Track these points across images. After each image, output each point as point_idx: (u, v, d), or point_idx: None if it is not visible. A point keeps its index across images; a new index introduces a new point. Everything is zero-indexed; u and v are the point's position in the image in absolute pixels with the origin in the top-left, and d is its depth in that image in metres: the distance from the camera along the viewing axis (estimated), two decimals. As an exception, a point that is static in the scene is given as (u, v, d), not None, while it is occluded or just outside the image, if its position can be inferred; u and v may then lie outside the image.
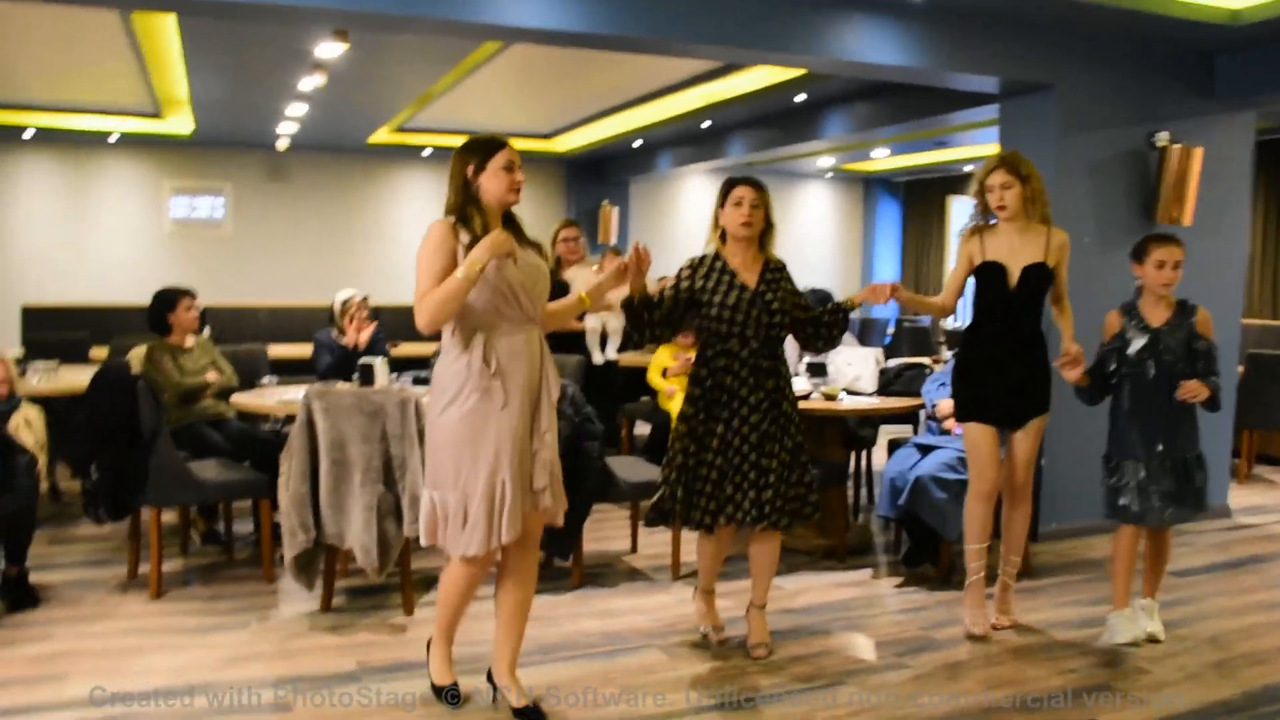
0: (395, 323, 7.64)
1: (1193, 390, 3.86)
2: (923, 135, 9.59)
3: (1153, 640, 4.14)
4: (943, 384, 5.23)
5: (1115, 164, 5.72)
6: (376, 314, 6.41)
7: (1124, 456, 4.01)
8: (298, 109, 8.67)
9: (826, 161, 12.27)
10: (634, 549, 5.34)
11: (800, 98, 7.95)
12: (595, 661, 3.86)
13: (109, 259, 11.10)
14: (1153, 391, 3.96)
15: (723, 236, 3.90)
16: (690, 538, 5.31)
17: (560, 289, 4.25)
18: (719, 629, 4.08)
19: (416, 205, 12.28)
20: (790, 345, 6.20)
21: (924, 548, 4.94)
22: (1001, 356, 4.12)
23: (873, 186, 14.40)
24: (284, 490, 4.25)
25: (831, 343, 4.03)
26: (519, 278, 3.17)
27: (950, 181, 13.06)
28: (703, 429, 3.82)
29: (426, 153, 11.89)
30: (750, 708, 3.48)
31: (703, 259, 3.89)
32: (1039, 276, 4.06)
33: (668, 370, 5.90)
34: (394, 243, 12.01)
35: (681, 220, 13.70)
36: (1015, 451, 4.18)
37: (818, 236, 14.21)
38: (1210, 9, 5.22)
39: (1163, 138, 5.72)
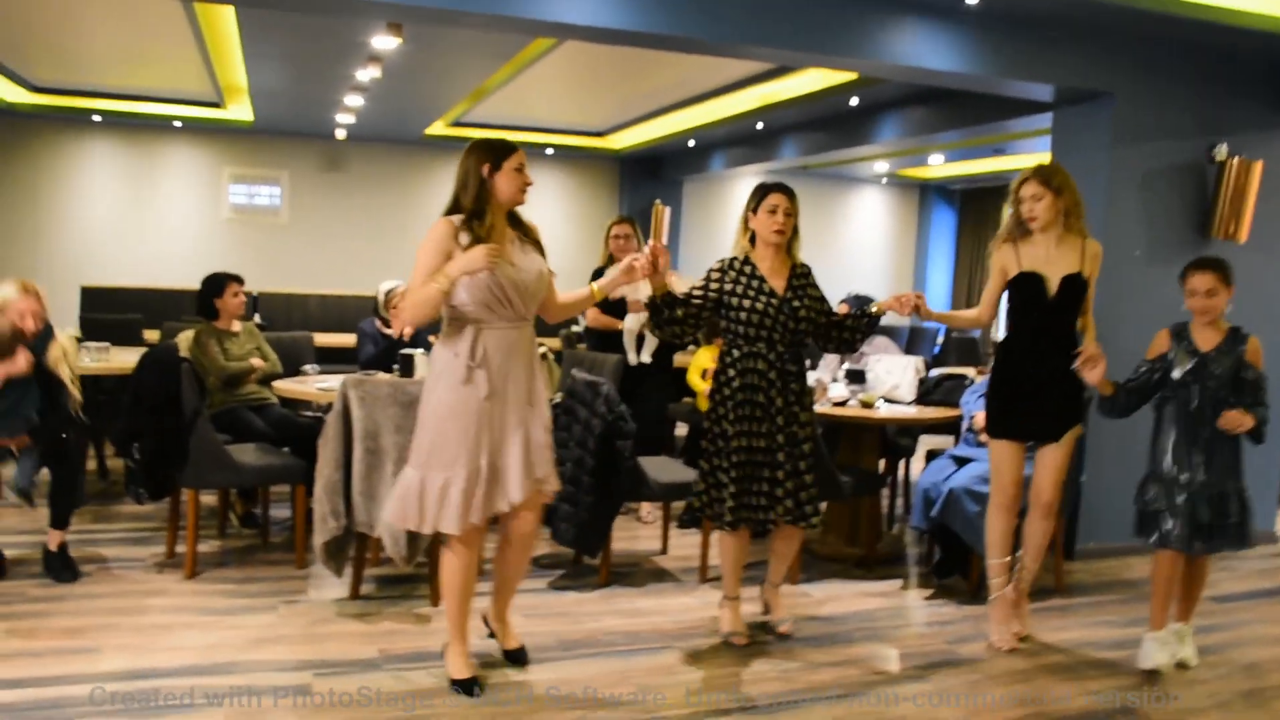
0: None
1: (1234, 420, 3.78)
2: (979, 142, 9.45)
3: (1183, 666, 4.05)
4: (982, 395, 5.13)
5: (1171, 176, 5.59)
6: None
7: (1160, 481, 3.93)
8: (354, 100, 8.78)
9: (881, 167, 12.14)
10: (664, 550, 5.34)
11: (854, 101, 7.88)
12: (614, 660, 3.87)
13: (168, 243, 11.35)
14: (1195, 417, 3.87)
15: (751, 238, 3.91)
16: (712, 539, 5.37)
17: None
18: (743, 635, 4.08)
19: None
20: (831, 359, 6.24)
21: (955, 560, 4.89)
22: (1039, 369, 4.05)
23: (929, 194, 14.22)
24: (319, 477, 4.32)
25: (852, 347, 4.07)
26: (514, 278, 3.33)
27: (1007, 191, 12.79)
28: (731, 430, 3.86)
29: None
30: (762, 713, 3.47)
31: (731, 262, 3.91)
32: (1077, 286, 4.00)
33: (707, 371, 5.89)
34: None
35: (735, 221, 13.60)
36: (1045, 464, 4.11)
37: (870, 243, 14.07)
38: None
39: (1221, 151, 5.58)
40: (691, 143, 11.03)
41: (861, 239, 14.05)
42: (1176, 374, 3.89)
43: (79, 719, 3.21)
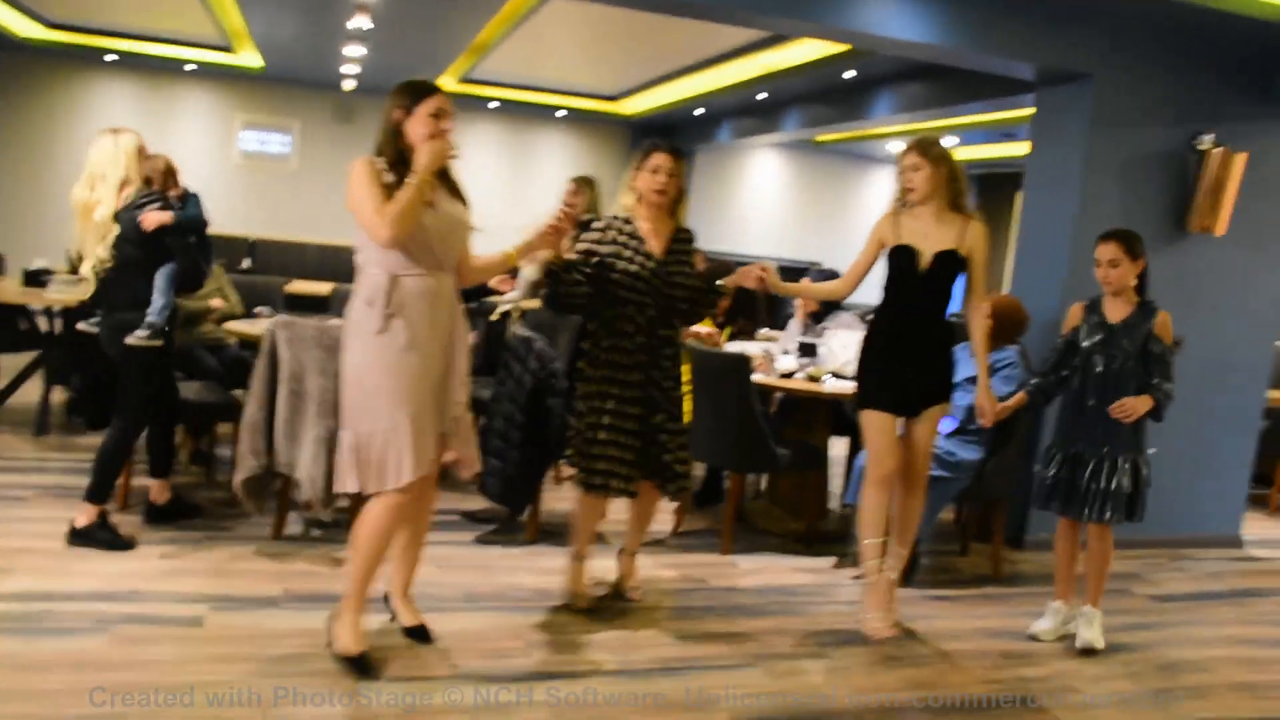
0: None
1: (1128, 408, 3.85)
2: (987, 124, 9.26)
3: (1089, 651, 4.02)
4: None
5: (1151, 164, 5.42)
6: None
7: (1066, 447, 4.02)
8: (355, 50, 8.77)
9: (895, 147, 11.94)
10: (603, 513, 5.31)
11: (849, 74, 7.74)
12: (513, 615, 3.86)
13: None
14: (1098, 388, 3.94)
15: (638, 198, 3.82)
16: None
17: None
18: (585, 598, 3.98)
19: (481, 156, 12.34)
20: (795, 323, 6.16)
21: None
22: (906, 342, 3.98)
23: (949, 177, 13.96)
24: (245, 416, 4.34)
25: (688, 320, 4.00)
26: (434, 223, 3.15)
27: (1019, 177, 12.56)
28: (598, 392, 3.78)
29: (493, 105, 11.95)
30: (637, 677, 3.44)
31: (612, 220, 3.82)
32: (950, 263, 3.92)
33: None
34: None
35: (746, 194, 13.50)
36: (913, 439, 4.04)
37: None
38: (1276, 6, 4.89)
39: (1206, 140, 5.40)
40: (699, 111, 10.92)
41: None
42: (1085, 344, 3.96)
43: (-41, 634, 3.26)
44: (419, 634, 3.51)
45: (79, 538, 4.14)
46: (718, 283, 3.95)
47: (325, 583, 3.99)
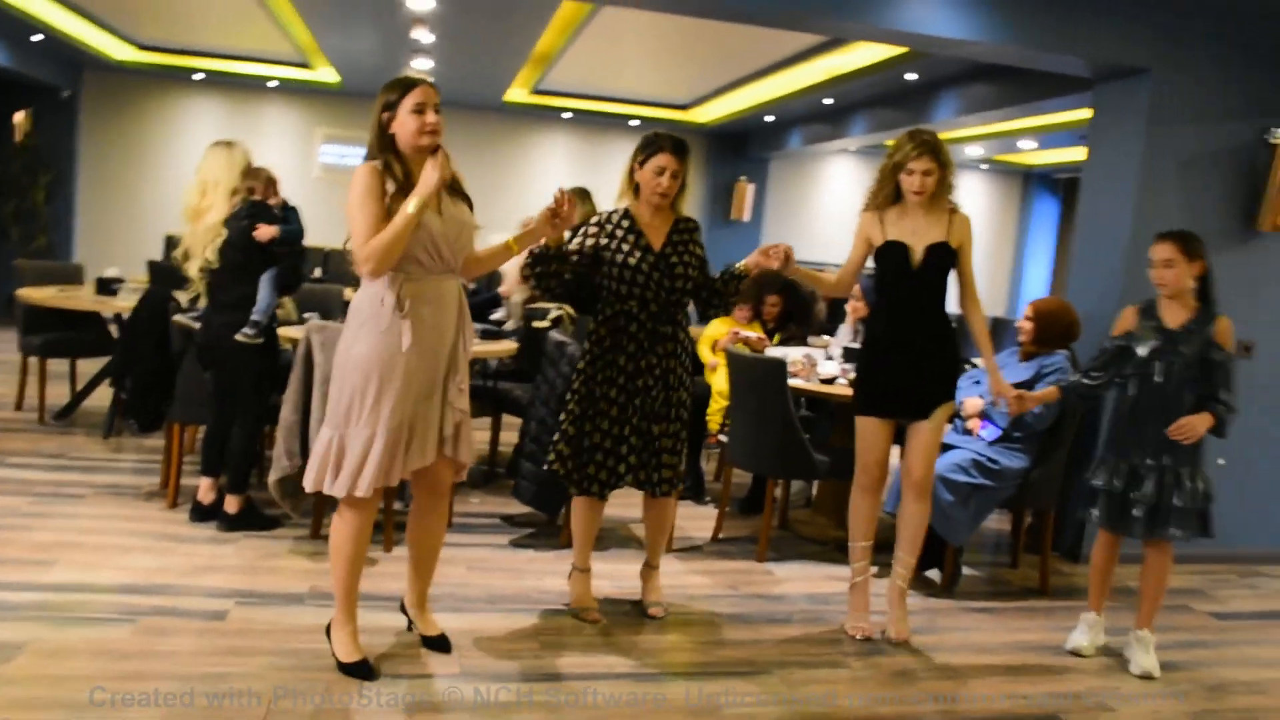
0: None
1: (1185, 431, 3.66)
2: (1064, 126, 8.97)
3: (1148, 677, 3.81)
4: (976, 381, 4.92)
5: (1216, 160, 5.17)
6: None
7: (1118, 458, 3.81)
8: (422, 64, 8.95)
9: (975, 151, 11.66)
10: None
11: (911, 76, 7.58)
12: (533, 617, 3.86)
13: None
14: (1158, 397, 3.72)
15: (636, 189, 3.75)
16: (694, 513, 5.28)
17: None
18: (594, 610, 3.89)
19: (555, 166, 12.47)
20: (845, 327, 6.04)
21: (931, 551, 4.67)
22: (905, 342, 3.84)
23: (1031, 182, 13.59)
24: (281, 418, 4.45)
25: (725, 309, 3.92)
26: (440, 228, 3.12)
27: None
28: (598, 391, 3.71)
29: (567, 115, 12.06)
30: (657, 681, 3.40)
31: (611, 214, 3.76)
32: (942, 255, 3.80)
33: (717, 344, 5.80)
34: (531, 202, 12.24)
35: (820, 201, 13.34)
36: (916, 442, 3.88)
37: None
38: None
39: (1277, 135, 5.13)
40: (769, 118, 10.84)
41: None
42: (1142, 351, 3.74)
43: (-8, 621, 3.40)
44: (438, 644, 3.47)
45: (232, 523, 4.52)
46: (735, 266, 3.82)
47: (352, 581, 4.05)
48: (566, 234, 3.62)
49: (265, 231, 4.44)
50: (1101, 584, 4.00)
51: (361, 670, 3.21)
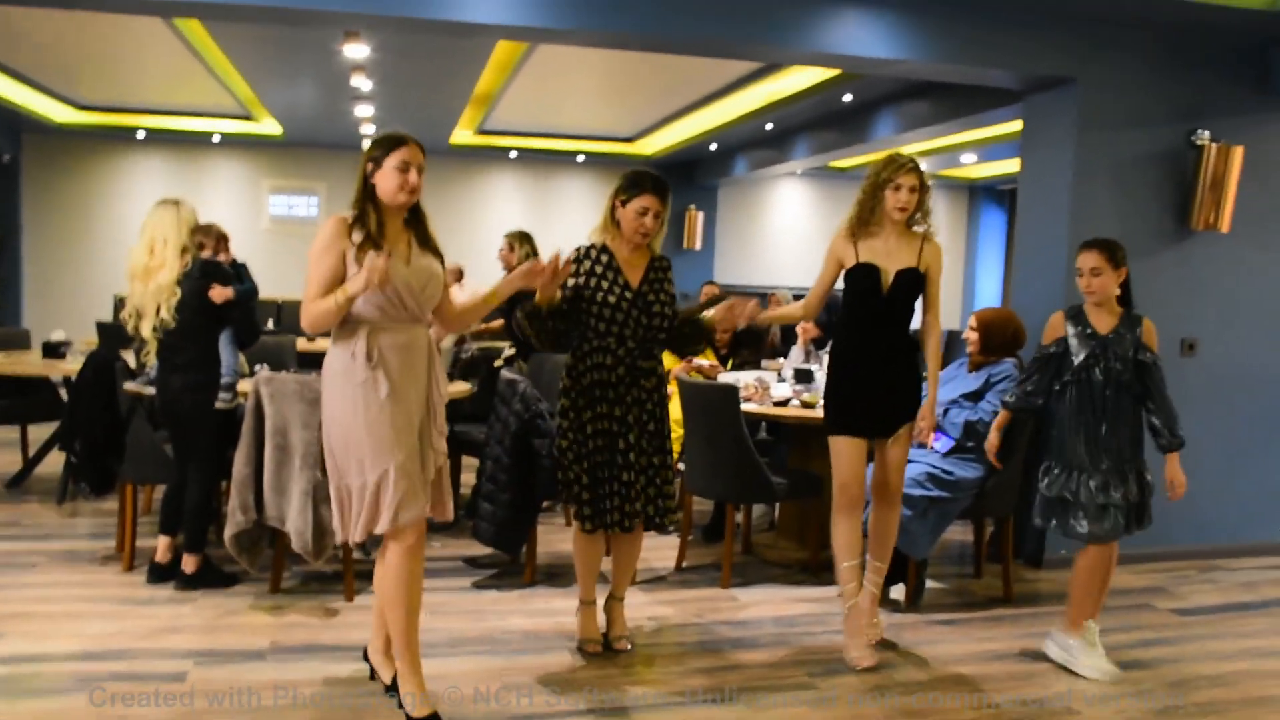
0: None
1: (1178, 487, 3.90)
2: (1006, 139, 9.14)
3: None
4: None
5: (1146, 164, 5.29)
6: None
7: (1071, 469, 3.85)
8: (365, 110, 8.97)
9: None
10: (609, 552, 5.25)
11: (847, 98, 7.71)
12: (497, 659, 3.82)
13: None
14: (1100, 400, 3.81)
15: (617, 225, 3.75)
16: (657, 543, 5.28)
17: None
18: (596, 643, 3.91)
19: (504, 206, 12.50)
20: (796, 349, 6.10)
21: (892, 568, 4.68)
22: (873, 363, 3.91)
23: (977, 195, 13.82)
24: (234, 473, 4.40)
25: (679, 353, 4.00)
26: (407, 279, 3.16)
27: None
28: (581, 428, 3.72)
29: (513, 155, 12.11)
30: (624, 715, 3.38)
31: (589, 250, 3.77)
32: (913, 280, 3.88)
33: (671, 373, 5.81)
34: (484, 243, 12.25)
35: (769, 225, 13.46)
36: (886, 459, 3.97)
37: (917, 245, 13.71)
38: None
39: (1203, 136, 5.26)
40: (714, 146, 10.96)
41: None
42: (1078, 359, 3.83)
43: (-59, 699, 3.32)
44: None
45: (190, 582, 4.45)
46: (702, 318, 3.88)
47: (314, 634, 4.00)
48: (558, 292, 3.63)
49: (220, 293, 4.40)
50: (1095, 595, 3.94)
51: None
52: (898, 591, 4.72)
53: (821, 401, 4.97)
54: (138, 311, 4.41)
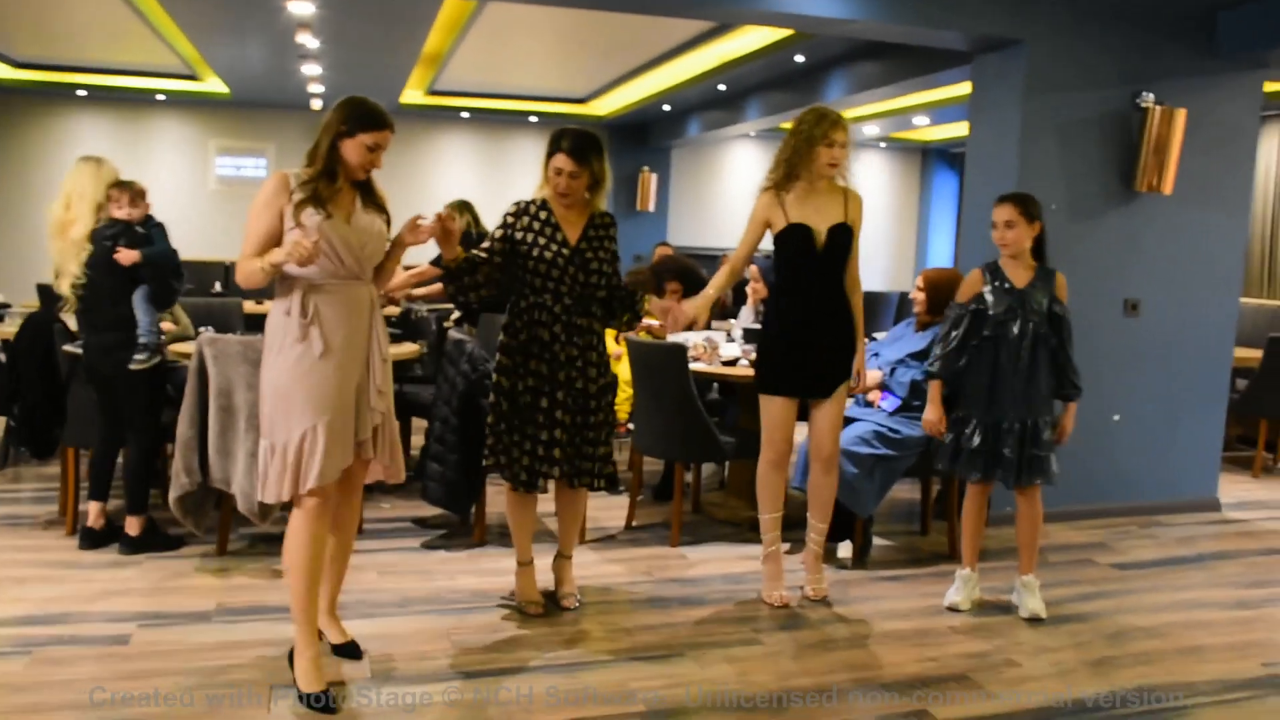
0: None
1: (1068, 432, 4.04)
2: (951, 102, 9.18)
3: (1036, 619, 4.01)
4: (875, 354, 5.01)
5: (1092, 126, 5.34)
6: None
7: (978, 414, 3.97)
8: (312, 69, 8.80)
9: (872, 130, 11.87)
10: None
11: (799, 58, 7.69)
12: (444, 618, 3.83)
13: (158, 214, 11.48)
14: (1015, 352, 3.91)
15: None
16: (608, 503, 5.31)
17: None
18: (537, 604, 3.91)
19: (457, 167, 12.37)
20: (746, 309, 6.12)
21: (838, 524, 4.74)
22: (810, 322, 3.95)
23: (930, 158, 13.89)
24: (178, 435, 4.34)
25: (630, 325, 3.96)
26: (344, 235, 3.13)
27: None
28: (519, 384, 3.71)
29: (465, 115, 11.97)
30: (570, 672, 3.39)
31: (528, 205, 3.75)
32: (844, 236, 3.90)
33: (619, 334, 5.80)
34: (437, 205, 12.12)
35: (723, 187, 13.47)
36: (821, 419, 4.03)
37: (870, 207, 13.69)
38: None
39: (1148, 98, 5.32)
40: (667, 107, 10.90)
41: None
42: (994, 312, 3.92)
43: (-126, 665, 3.26)
44: (347, 650, 3.43)
45: (133, 546, 4.39)
46: (636, 313, 3.89)
47: (260, 594, 3.98)
48: (460, 250, 3.59)
49: (126, 256, 4.31)
50: (973, 540, 4.14)
51: (323, 702, 3.06)
52: (845, 549, 4.77)
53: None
54: (57, 270, 4.36)
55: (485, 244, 3.75)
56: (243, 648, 3.47)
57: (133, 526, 4.41)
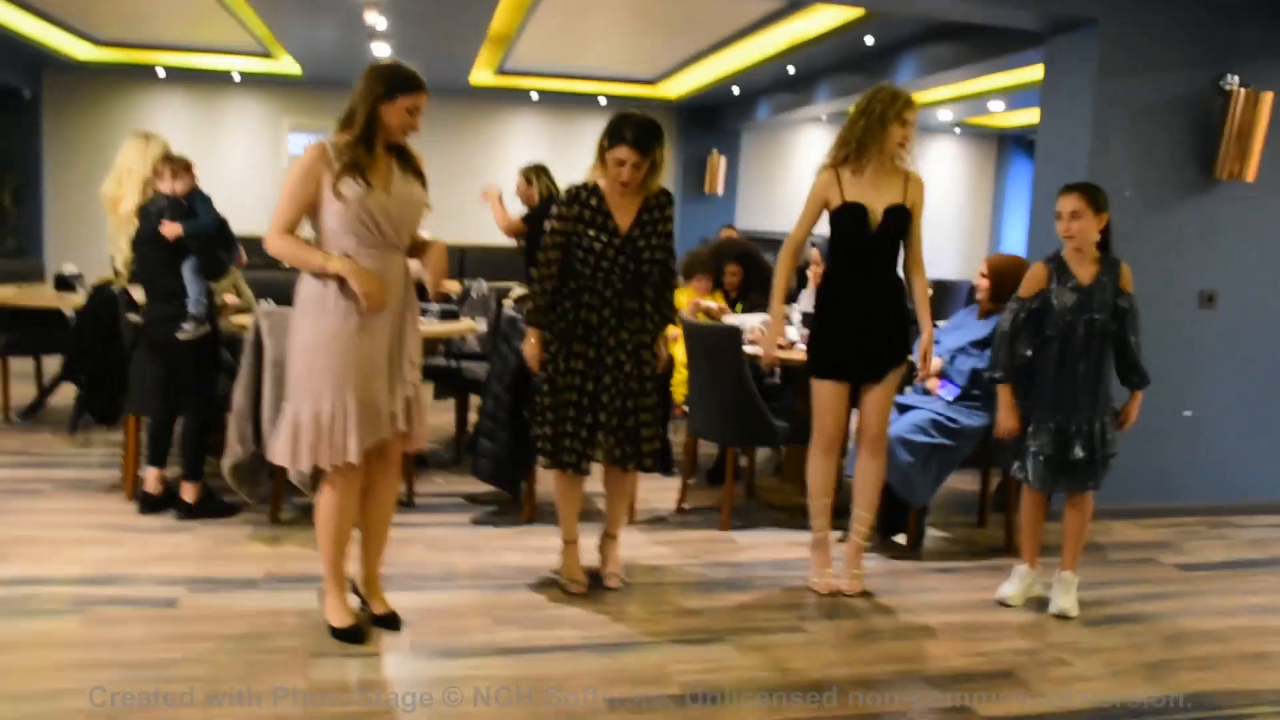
0: (486, 263, 8.06)
1: (1133, 419, 3.93)
2: (1026, 86, 8.92)
3: (1063, 616, 3.89)
4: (936, 341, 4.88)
5: (1170, 110, 5.13)
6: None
7: (1044, 420, 3.84)
8: (381, 49, 8.86)
9: (946, 115, 11.61)
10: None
11: (869, 40, 7.53)
12: (488, 593, 3.83)
13: (232, 192, 11.57)
14: (1080, 354, 3.78)
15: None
16: (660, 484, 5.27)
17: None
18: (580, 583, 3.89)
19: (526, 149, 12.38)
20: (806, 293, 6.02)
21: (892, 514, 4.65)
22: (862, 306, 3.86)
23: (1006, 144, 13.55)
24: (233, 405, 4.42)
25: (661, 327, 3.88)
26: (384, 205, 3.14)
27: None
28: (565, 366, 3.70)
29: (535, 96, 11.98)
30: (609, 652, 3.37)
31: (579, 191, 3.70)
32: (901, 217, 3.80)
33: (678, 315, 5.76)
34: (507, 186, 12.19)
35: (793, 171, 13.27)
36: (871, 403, 3.93)
37: (943, 194, 13.42)
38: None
39: (1232, 81, 5.09)
40: (736, 89, 10.78)
41: (933, 190, 13.51)
42: (1061, 311, 3.79)
43: (-64, 618, 3.37)
44: (387, 622, 3.46)
45: (189, 512, 4.49)
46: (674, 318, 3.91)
47: (309, 564, 4.00)
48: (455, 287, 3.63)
49: (170, 229, 4.36)
50: (1032, 537, 4.03)
51: (353, 635, 3.30)
52: (899, 538, 4.68)
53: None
54: (113, 243, 4.52)
55: (541, 250, 3.74)
56: (287, 615, 3.51)
57: (188, 493, 4.49)
